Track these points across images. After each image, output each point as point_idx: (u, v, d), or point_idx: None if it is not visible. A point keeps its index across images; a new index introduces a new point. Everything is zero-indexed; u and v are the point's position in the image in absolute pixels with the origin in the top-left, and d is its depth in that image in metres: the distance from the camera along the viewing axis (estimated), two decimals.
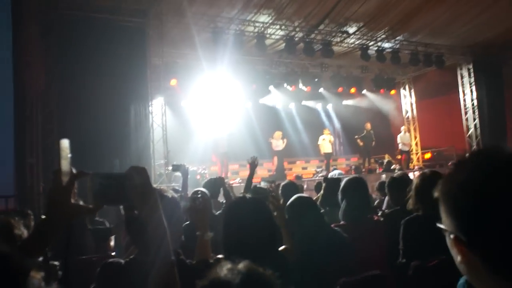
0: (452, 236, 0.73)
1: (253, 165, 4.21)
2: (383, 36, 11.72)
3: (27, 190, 7.20)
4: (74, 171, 1.13)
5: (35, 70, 7.65)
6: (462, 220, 0.71)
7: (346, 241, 2.14)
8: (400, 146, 13.55)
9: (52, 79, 7.96)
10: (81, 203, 1.24)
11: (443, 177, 0.78)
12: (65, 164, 1.10)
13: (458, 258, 0.73)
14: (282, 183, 4.23)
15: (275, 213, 1.82)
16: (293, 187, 4.11)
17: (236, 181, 11.01)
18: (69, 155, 1.11)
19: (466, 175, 0.72)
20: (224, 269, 0.78)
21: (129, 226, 1.55)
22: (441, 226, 0.76)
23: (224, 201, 4.07)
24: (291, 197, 3.73)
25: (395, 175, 3.49)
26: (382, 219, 2.81)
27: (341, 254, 2.00)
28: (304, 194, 2.83)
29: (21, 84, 7.40)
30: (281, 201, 2.17)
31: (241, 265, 0.79)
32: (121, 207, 2.28)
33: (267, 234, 1.55)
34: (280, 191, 4.14)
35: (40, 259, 1.15)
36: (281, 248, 1.70)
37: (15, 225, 2.16)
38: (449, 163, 12.87)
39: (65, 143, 1.11)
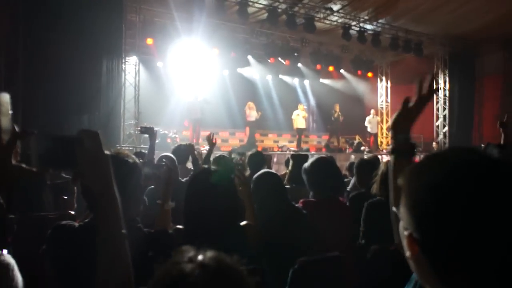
0: (406, 232, 0.72)
1: (211, 142, 4.28)
2: (366, 17, 11.66)
3: None
4: (16, 129, 1.04)
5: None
6: (420, 220, 0.69)
7: (307, 219, 2.16)
8: (368, 129, 13.81)
9: (18, 24, 7.48)
10: (23, 165, 1.16)
11: (410, 169, 0.76)
12: (5, 121, 1.01)
13: (407, 253, 0.72)
14: (250, 153, 4.23)
15: (240, 188, 1.79)
16: (260, 157, 4.12)
17: (206, 148, 10.94)
18: (10, 112, 1.02)
19: (434, 177, 0.69)
20: (188, 263, 0.67)
21: (83, 192, 1.47)
22: (397, 212, 0.76)
23: (192, 168, 4.02)
24: (257, 167, 3.76)
25: (365, 157, 3.53)
26: (347, 200, 2.85)
27: (301, 233, 2.01)
28: (271, 170, 2.81)
29: None
30: (247, 174, 2.14)
31: (207, 257, 0.68)
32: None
33: (228, 208, 1.52)
34: (247, 160, 4.14)
35: None
36: (242, 223, 1.69)
37: None
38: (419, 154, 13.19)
39: (5, 97, 1.01)
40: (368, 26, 12.04)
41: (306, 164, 2.64)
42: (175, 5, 10.73)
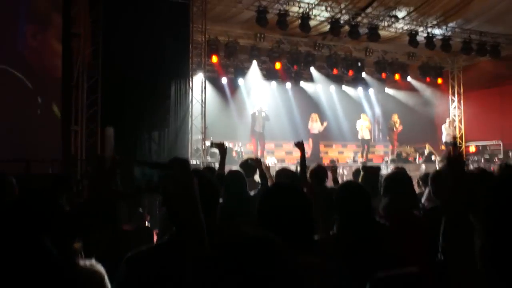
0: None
1: (301, 146, 4.00)
2: (434, 22, 11.15)
3: (70, 156, 7.53)
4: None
5: (83, 41, 7.88)
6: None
7: (390, 233, 2.07)
8: (444, 138, 13.04)
9: (98, 51, 8.17)
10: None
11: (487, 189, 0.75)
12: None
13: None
14: (312, 168, 4.15)
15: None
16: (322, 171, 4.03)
17: (271, 161, 11.03)
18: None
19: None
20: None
21: (170, 215, 1.54)
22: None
23: (260, 182, 4.07)
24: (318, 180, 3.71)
25: (438, 167, 3.36)
26: (422, 214, 2.71)
27: (381, 247, 1.94)
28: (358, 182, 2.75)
29: (69, 54, 7.65)
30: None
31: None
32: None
33: (303, 225, 1.51)
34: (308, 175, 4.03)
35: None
36: (317, 237, 1.67)
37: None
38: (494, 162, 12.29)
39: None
40: (437, 31, 11.49)
41: (386, 175, 2.57)
42: (237, 23, 11.09)
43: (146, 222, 3.84)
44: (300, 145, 3.90)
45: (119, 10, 8.17)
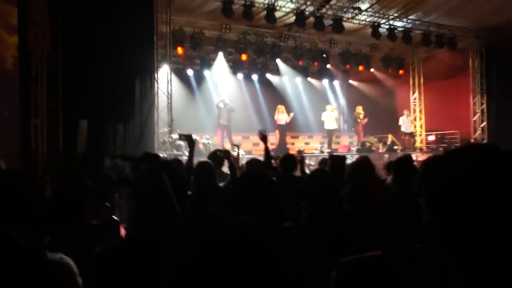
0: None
1: (264, 138, 4.20)
2: (396, 14, 11.46)
3: (31, 150, 7.24)
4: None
5: (40, 31, 7.55)
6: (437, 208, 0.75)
7: (356, 220, 2.14)
8: (402, 128, 13.54)
9: (58, 42, 7.85)
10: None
11: (430, 163, 0.81)
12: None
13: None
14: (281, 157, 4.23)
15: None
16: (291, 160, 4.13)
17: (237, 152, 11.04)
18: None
19: (445, 173, 0.75)
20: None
21: (141, 207, 1.52)
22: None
23: (229, 173, 4.08)
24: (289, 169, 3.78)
25: (400, 156, 3.50)
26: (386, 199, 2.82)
27: (348, 233, 2.00)
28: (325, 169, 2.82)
29: (26, 44, 7.31)
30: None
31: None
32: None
33: (273, 211, 1.54)
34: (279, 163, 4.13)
35: None
36: (286, 224, 1.71)
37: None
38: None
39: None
40: (398, 23, 11.83)
41: (351, 163, 2.65)
42: (203, 14, 10.96)
43: (113, 215, 3.77)
44: (263, 137, 4.09)
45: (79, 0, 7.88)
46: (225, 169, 4.46)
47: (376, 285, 1.70)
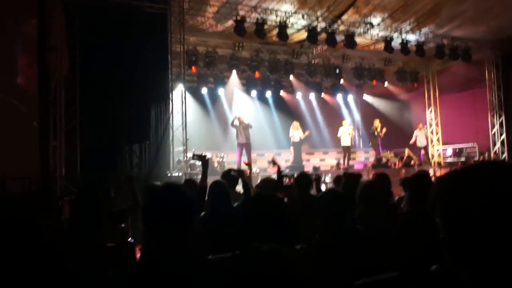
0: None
1: (275, 163, 4.37)
2: (408, 28, 11.44)
3: (49, 172, 7.38)
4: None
5: (59, 55, 7.77)
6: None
7: (370, 241, 2.10)
8: (417, 143, 13.33)
9: (75, 65, 8.08)
10: None
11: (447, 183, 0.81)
12: None
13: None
14: (297, 175, 4.22)
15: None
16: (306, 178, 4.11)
17: (253, 171, 11.03)
18: None
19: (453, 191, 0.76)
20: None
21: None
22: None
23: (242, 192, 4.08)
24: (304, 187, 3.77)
25: (416, 172, 3.44)
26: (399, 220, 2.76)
27: (361, 255, 1.97)
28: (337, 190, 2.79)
29: (45, 68, 7.53)
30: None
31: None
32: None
33: (284, 232, 1.53)
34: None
35: None
36: (298, 246, 1.69)
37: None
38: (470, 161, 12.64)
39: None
40: (411, 37, 11.79)
41: (361, 185, 2.61)
42: (215, 33, 11.14)
43: (129, 237, 3.80)
44: (273, 162, 4.35)
45: (96, 21, 8.09)
46: (239, 188, 4.46)
47: None
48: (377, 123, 13.18)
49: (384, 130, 12.89)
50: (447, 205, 0.76)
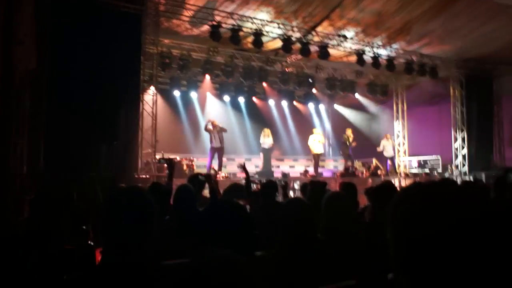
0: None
1: (244, 169, 4.43)
2: (380, 43, 11.78)
3: (9, 169, 7.10)
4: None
5: (26, 50, 7.52)
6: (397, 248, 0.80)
7: (329, 250, 2.13)
8: (384, 153, 13.68)
9: (43, 60, 7.82)
10: None
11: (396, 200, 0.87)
12: None
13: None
14: (262, 183, 4.25)
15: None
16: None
17: (222, 175, 11.00)
18: None
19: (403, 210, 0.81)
20: None
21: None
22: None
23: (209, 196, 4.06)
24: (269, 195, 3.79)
25: (381, 183, 3.52)
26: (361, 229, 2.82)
27: (323, 264, 1.99)
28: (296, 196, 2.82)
29: (9, 62, 7.27)
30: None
31: None
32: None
33: (243, 240, 1.54)
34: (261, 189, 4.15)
35: None
36: (258, 253, 1.70)
37: None
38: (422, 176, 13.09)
39: None
40: (382, 52, 12.14)
41: (326, 196, 2.64)
42: (190, 37, 11.09)
43: (90, 240, 3.70)
44: (243, 168, 4.42)
45: (68, 17, 7.88)
46: (207, 192, 4.44)
47: None
48: (349, 132, 13.33)
49: (354, 143, 13.10)
50: (399, 227, 0.80)
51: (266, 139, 12.30)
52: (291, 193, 9.41)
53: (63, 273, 1.79)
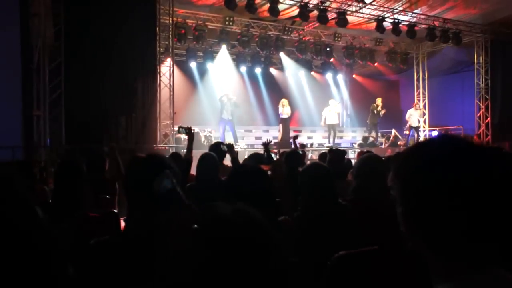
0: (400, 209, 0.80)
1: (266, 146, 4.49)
2: (400, 8, 11.36)
3: (33, 142, 7.27)
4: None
5: (43, 22, 7.53)
6: (407, 200, 0.78)
7: (353, 216, 2.12)
8: (411, 123, 13.35)
9: (60, 34, 7.84)
10: None
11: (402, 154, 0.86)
12: None
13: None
14: (286, 152, 4.22)
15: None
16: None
17: (240, 146, 11.04)
18: None
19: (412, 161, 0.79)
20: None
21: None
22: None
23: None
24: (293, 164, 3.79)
25: (399, 151, 3.47)
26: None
27: (345, 229, 1.98)
28: (320, 162, 2.78)
29: (28, 34, 7.30)
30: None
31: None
32: None
33: (266, 204, 1.53)
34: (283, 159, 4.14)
35: None
36: (281, 218, 1.70)
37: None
38: None
39: None
40: (403, 17, 11.72)
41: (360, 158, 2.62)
42: (206, 6, 10.91)
43: (114, 208, 3.78)
44: (265, 145, 4.52)
45: None
46: (228, 162, 4.44)
47: (370, 279, 1.70)
48: (378, 101, 13.00)
49: (383, 111, 12.81)
50: (403, 177, 0.79)
51: (285, 109, 12.19)
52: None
53: (90, 239, 1.83)
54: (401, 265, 1.84)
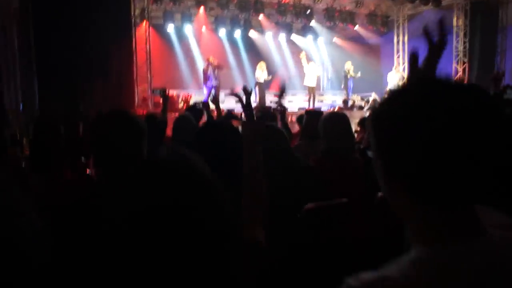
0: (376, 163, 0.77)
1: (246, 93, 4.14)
2: None
3: (4, 107, 7.05)
4: None
5: None
6: (382, 147, 0.75)
7: (311, 169, 2.16)
8: (389, 85, 13.45)
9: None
10: None
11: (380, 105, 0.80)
12: None
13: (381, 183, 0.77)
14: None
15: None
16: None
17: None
18: None
19: (388, 107, 0.76)
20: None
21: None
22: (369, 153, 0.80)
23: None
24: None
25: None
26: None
27: (308, 186, 2.02)
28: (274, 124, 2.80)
29: None
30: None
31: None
32: None
33: (232, 159, 1.52)
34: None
35: None
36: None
37: None
38: None
39: None
40: None
41: (323, 117, 2.63)
42: None
43: (89, 170, 3.76)
44: (245, 90, 4.04)
45: None
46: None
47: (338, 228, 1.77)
48: (348, 65, 13.08)
49: (357, 74, 12.88)
50: (379, 123, 0.77)
51: (261, 73, 12.04)
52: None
53: (66, 201, 1.82)
54: (369, 216, 1.91)
